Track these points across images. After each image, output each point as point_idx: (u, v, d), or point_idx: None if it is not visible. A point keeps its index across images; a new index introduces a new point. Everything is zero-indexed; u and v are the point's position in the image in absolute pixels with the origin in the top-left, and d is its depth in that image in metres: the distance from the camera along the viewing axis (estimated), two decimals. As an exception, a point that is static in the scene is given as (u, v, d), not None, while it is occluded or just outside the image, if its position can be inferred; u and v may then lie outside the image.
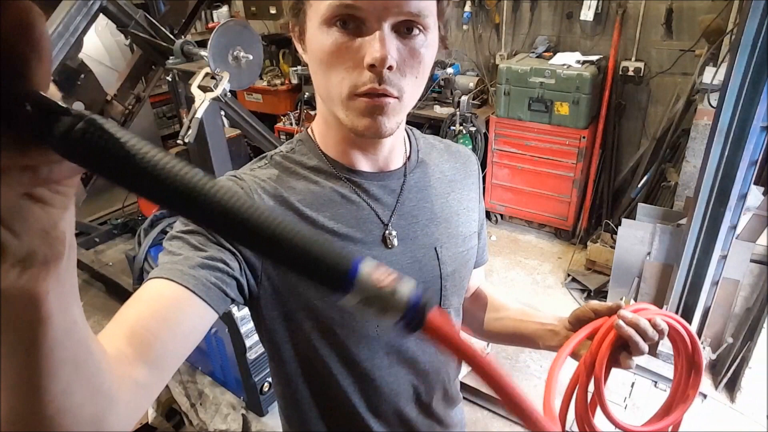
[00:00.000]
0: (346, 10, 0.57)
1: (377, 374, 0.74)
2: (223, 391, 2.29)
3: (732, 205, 2.13)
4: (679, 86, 3.15)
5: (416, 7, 0.58)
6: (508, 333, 0.92)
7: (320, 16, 0.59)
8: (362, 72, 0.59)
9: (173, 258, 0.61)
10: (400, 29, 0.59)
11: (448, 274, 0.76)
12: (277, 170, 0.71)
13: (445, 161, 0.82)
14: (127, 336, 0.51)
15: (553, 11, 3.47)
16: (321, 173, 0.71)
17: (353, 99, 0.61)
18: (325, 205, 0.69)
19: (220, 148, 1.87)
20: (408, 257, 0.73)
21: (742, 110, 1.98)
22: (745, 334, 2.35)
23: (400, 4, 0.57)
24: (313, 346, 0.72)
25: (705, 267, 2.27)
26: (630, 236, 2.64)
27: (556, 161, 3.37)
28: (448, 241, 0.76)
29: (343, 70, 0.60)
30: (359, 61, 0.59)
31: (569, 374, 0.73)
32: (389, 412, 0.77)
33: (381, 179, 0.73)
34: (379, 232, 0.71)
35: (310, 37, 0.63)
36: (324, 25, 0.60)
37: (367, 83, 0.59)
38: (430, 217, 0.76)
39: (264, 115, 4.38)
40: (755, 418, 2.22)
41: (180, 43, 2.01)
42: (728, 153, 2.06)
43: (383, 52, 0.57)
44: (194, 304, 0.58)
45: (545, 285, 3.25)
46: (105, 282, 3.24)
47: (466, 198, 0.82)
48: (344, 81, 0.61)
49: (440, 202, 0.78)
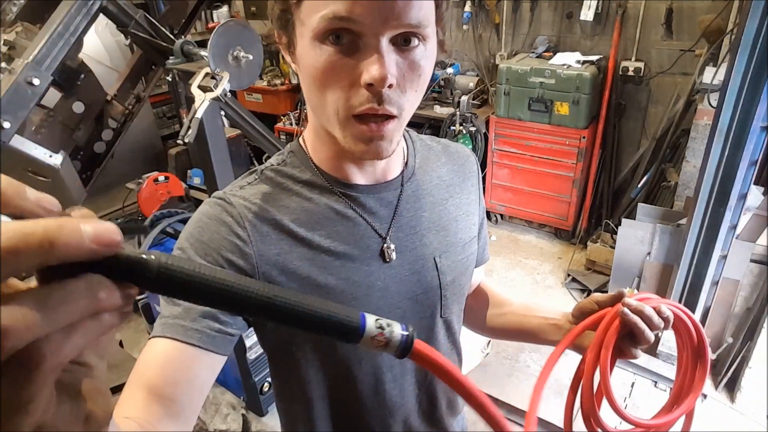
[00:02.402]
0: (340, 23, 0.52)
1: (381, 388, 0.73)
2: (223, 391, 2.29)
3: (732, 205, 2.13)
4: (679, 86, 3.15)
5: (416, 18, 0.53)
6: (512, 329, 0.90)
7: (311, 30, 0.54)
8: (359, 90, 0.55)
9: (173, 310, 0.62)
10: (398, 41, 0.54)
11: (447, 283, 0.74)
12: (267, 186, 0.68)
13: (442, 165, 0.79)
14: (148, 400, 0.56)
15: (553, 11, 3.47)
16: (315, 188, 0.68)
17: (350, 120, 0.57)
18: (320, 223, 0.67)
19: (220, 148, 1.87)
20: (406, 269, 0.71)
21: (742, 110, 1.98)
22: (745, 334, 2.35)
23: (400, 15, 0.52)
24: (316, 365, 0.71)
25: (705, 267, 2.28)
26: (630, 236, 2.64)
27: (556, 161, 3.37)
28: (447, 250, 0.74)
29: (338, 88, 0.56)
30: (356, 79, 0.54)
31: (571, 371, 0.72)
32: (395, 424, 0.76)
33: (377, 191, 0.70)
34: (376, 247, 0.69)
35: (301, 52, 0.58)
36: (316, 40, 0.54)
37: (365, 103, 0.55)
38: (428, 227, 0.73)
39: (264, 115, 4.38)
40: (755, 418, 2.22)
41: (180, 43, 2.00)
42: (728, 153, 2.06)
43: (383, 71, 0.52)
44: (203, 358, 0.61)
45: (545, 285, 3.25)
46: (105, 282, 3.24)
47: (465, 202, 0.80)
48: (340, 100, 0.56)
49: (438, 210, 0.75)
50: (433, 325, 0.75)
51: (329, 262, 0.67)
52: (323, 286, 0.67)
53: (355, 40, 0.53)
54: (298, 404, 0.75)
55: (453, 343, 0.81)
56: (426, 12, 0.54)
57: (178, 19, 2.78)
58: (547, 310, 0.85)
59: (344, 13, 0.51)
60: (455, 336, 0.81)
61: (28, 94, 1.82)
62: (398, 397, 0.75)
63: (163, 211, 2.35)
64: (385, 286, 0.69)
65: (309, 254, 0.67)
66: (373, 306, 0.68)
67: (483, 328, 0.96)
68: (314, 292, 0.67)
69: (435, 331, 0.76)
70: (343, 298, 0.67)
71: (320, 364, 0.71)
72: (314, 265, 0.67)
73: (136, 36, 2.32)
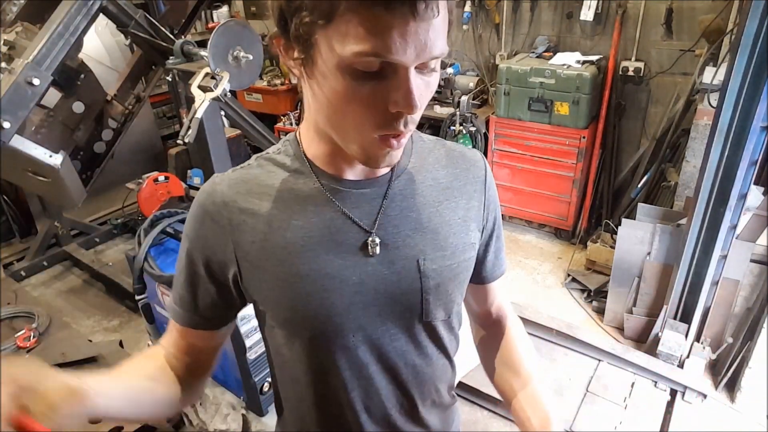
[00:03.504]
0: (372, 62, 0.53)
1: (359, 383, 0.73)
2: (223, 391, 2.29)
3: (732, 205, 2.13)
4: (679, 86, 3.15)
5: (440, 49, 0.55)
6: (504, 395, 0.88)
7: (340, 58, 0.53)
8: (386, 115, 0.56)
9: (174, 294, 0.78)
10: (420, 66, 0.56)
11: (430, 287, 0.72)
12: (257, 171, 0.72)
13: (441, 167, 0.77)
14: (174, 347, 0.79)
15: (553, 11, 3.47)
16: (300, 178, 0.70)
17: (373, 140, 0.59)
18: (298, 213, 0.68)
19: (220, 148, 1.87)
20: (386, 267, 0.70)
21: (742, 110, 1.98)
22: (745, 334, 2.35)
23: (430, 48, 0.53)
24: (296, 351, 0.73)
25: (705, 267, 2.28)
26: (630, 236, 2.64)
27: (556, 161, 3.37)
28: (434, 254, 0.72)
29: (361, 113, 0.57)
30: (383, 105, 0.56)
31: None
32: (379, 415, 0.76)
33: (362, 186, 0.70)
34: (355, 241, 0.69)
35: (321, 74, 0.57)
36: (344, 71, 0.54)
37: (393, 128, 0.58)
38: (415, 227, 0.72)
39: (264, 115, 4.38)
40: (755, 418, 2.22)
41: (180, 43, 2.00)
42: (728, 153, 2.06)
43: (413, 102, 0.54)
44: (202, 335, 0.78)
45: (545, 285, 3.25)
46: (105, 282, 3.25)
47: (463, 207, 0.76)
48: (365, 123, 0.58)
49: (428, 212, 0.73)
50: (411, 328, 0.74)
51: (302, 251, 0.68)
52: (294, 275, 0.67)
53: (384, 68, 0.54)
54: (281, 385, 0.83)
55: (441, 349, 0.79)
56: (446, 39, 0.56)
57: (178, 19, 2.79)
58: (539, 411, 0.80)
59: (381, 51, 0.51)
60: (443, 341, 0.78)
61: (28, 94, 1.82)
62: (375, 394, 0.74)
63: (163, 211, 2.34)
64: (360, 281, 0.69)
65: (282, 242, 0.68)
66: (346, 300, 0.68)
67: (485, 366, 0.94)
68: (285, 281, 0.68)
69: (415, 334, 0.74)
70: (314, 288, 0.67)
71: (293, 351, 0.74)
72: (287, 254, 0.68)
73: (136, 36, 2.33)
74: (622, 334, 2.77)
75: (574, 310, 3.03)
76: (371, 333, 0.71)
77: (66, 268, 3.56)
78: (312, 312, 0.68)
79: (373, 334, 0.71)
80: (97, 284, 3.34)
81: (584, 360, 2.42)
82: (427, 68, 0.57)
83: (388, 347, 0.73)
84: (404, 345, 0.74)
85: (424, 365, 0.77)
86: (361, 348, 0.71)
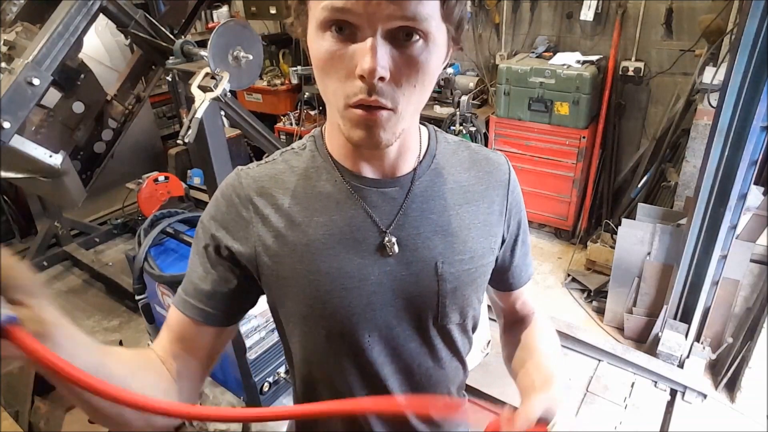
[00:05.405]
0: (338, 15, 0.54)
1: (372, 383, 0.73)
2: (223, 391, 2.29)
3: (732, 205, 2.13)
4: (679, 86, 3.15)
5: (412, 12, 0.53)
6: (514, 374, 0.86)
7: (316, 19, 0.56)
8: (354, 81, 0.56)
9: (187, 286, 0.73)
10: (398, 35, 0.55)
11: (447, 291, 0.71)
12: (281, 167, 0.72)
13: (464, 170, 0.75)
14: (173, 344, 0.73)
15: (553, 11, 3.47)
16: (322, 175, 0.70)
17: (347, 109, 0.58)
18: (320, 210, 0.68)
19: (220, 148, 1.87)
20: (404, 268, 0.70)
21: (742, 110, 1.98)
22: (745, 334, 2.35)
23: (393, 8, 0.52)
24: (310, 348, 0.73)
25: (705, 267, 2.28)
26: (630, 236, 2.64)
27: (556, 161, 3.37)
28: (452, 257, 0.71)
29: (336, 79, 0.57)
30: (352, 70, 0.55)
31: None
32: (390, 415, 0.76)
33: (383, 186, 0.69)
34: (374, 241, 0.68)
35: (309, 40, 0.60)
36: (320, 30, 0.56)
37: (358, 94, 0.56)
38: (435, 230, 0.71)
39: (264, 115, 4.38)
40: (755, 418, 2.22)
41: (180, 43, 2.00)
42: (728, 153, 2.07)
43: (372, 64, 0.53)
44: (209, 331, 0.73)
45: (545, 285, 3.25)
46: (105, 282, 3.24)
47: (484, 211, 0.75)
48: (338, 89, 0.58)
49: (448, 215, 0.72)
50: (426, 330, 0.73)
51: (323, 249, 0.68)
52: (315, 272, 0.67)
53: (353, 31, 0.55)
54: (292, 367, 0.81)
55: (454, 351, 0.78)
56: (427, 7, 0.54)
57: (178, 19, 2.78)
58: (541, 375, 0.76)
59: (341, 4, 0.53)
60: (456, 344, 0.78)
61: (28, 94, 1.82)
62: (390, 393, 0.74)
63: (163, 211, 2.35)
64: (379, 281, 0.69)
65: (304, 239, 0.68)
66: (364, 300, 0.68)
67: (505, 357, 0.92)
68: (305, 278, 0.68)
69: (429, 337, 0.74)
70: (334, 286, 0.67)
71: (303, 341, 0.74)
72: (307, 251, 0.68)
73: (136, 36, 2.32)
74: (622, 334, 2.77)
75: (574, 310, 3.03)
76: (386, 334, 0.71)
77: (66, 268, 3.56)
78: (330, 310, 0.68)
79: (388, 335, 0.71)
80: (97, 284, 3.34)
81: (584, 360, 2.42)
82: (406, 37, 0.55)
83: (402, 348, 0.73)
84: (418, 347, 0.74)
85: (437, 367, 0.77)
86: (375, 348, 0.71)
